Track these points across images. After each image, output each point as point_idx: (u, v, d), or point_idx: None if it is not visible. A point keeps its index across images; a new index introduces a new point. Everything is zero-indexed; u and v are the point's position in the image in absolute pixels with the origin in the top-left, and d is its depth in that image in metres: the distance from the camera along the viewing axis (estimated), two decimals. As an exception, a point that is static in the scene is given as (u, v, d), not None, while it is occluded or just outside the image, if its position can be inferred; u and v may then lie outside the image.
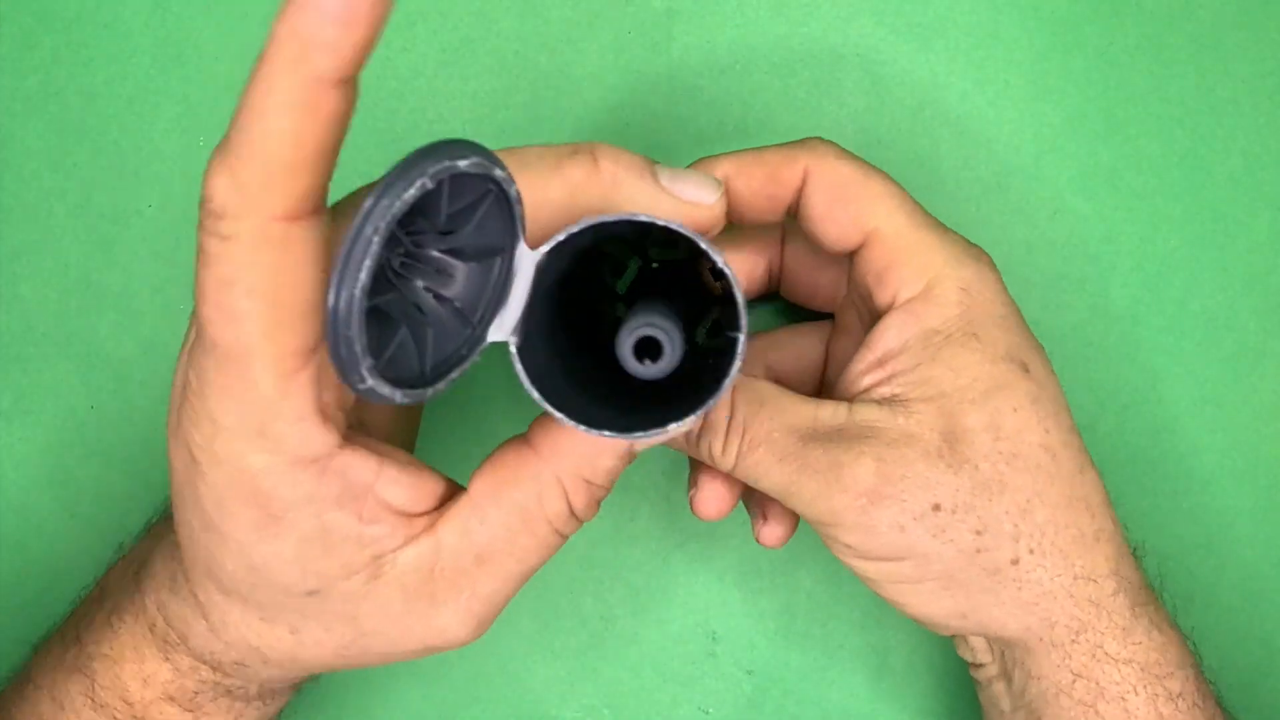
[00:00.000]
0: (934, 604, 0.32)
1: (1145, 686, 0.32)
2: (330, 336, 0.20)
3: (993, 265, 0.33)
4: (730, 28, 0.40)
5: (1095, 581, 0.32)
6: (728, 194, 0.31)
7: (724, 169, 0.33)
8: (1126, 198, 0.40)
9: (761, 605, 0.40)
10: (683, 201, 0.28)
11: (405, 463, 0.28)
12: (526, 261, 0.23)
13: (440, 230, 0.22)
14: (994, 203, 0.40)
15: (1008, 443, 0.31)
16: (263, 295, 0.23)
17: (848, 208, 0.32)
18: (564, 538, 0.29)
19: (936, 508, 0.31)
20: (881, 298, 0.32)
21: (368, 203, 0.19)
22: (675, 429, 0.23)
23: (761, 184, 0.33)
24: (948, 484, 0.31)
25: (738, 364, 0.23)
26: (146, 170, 0.40)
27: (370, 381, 0.20)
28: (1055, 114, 0.40)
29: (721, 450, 0.32)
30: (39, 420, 0.40)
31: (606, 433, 0.23)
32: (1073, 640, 0.32)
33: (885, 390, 0.32)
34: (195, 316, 0.25)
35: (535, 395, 0.23)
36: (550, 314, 0.25)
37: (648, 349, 0.24)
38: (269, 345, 0.24)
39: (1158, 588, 0.35)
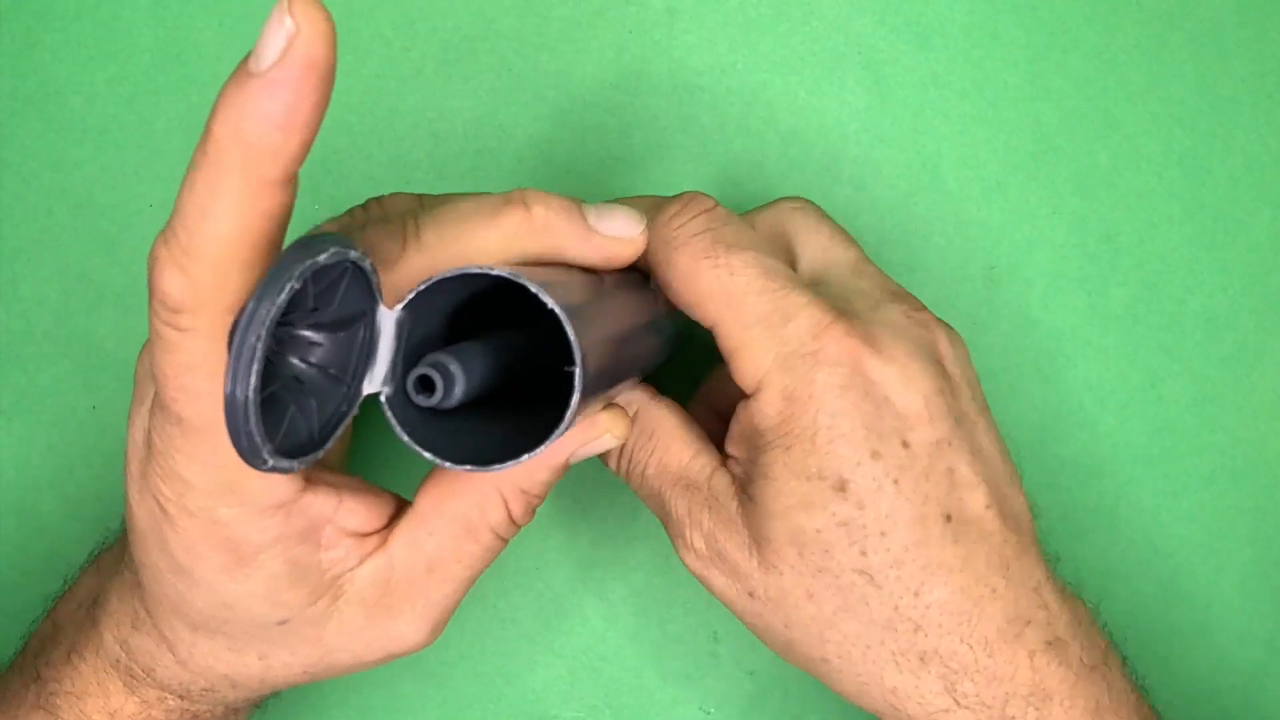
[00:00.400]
0: (785, 658, 0.33)
1: None
2: (232, 433, 0.22)
3: (840, 357, 0.30)
4: (731, 27, 0.40)
5: (917, 701, 0.31)
6: None
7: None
8: (1125, 197, 0.40)
9: (762, 605, 0.40)
10: (608, 238, 0.29)
11: (358, 489, 0.29)
12: (388, 320, 0.25)
13: (309, 309, 0.24)
14: (993, 202, 0.40)
15: (813, 559, 0.30)
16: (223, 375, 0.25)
17: (687, 307, 0.31)
18: (505, 542, 0.31)
19: (751, 594, 0.31)
20: (734, 380, 0.31)
21: (248, 309, 0.22)
22: (526, 458, 0.25)
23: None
24: (758, 579, 0.31)
25: (576, 398, 0.25)
26: (147, 169, 0.40)
27: (272, 462, 0.23)
28: (1054, 113, 0.40)
29: (616, 468, 0.34)
30: (40, 420, 0.40)
31: (467, 467, 0.25)
32: None
33: (736, 469, 0.32)
34: (155, 389, 0.26)
35: (404, 438, 0.25)
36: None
37: (424, 385, 0.26)
38: None
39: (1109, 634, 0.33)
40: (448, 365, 0.25)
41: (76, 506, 0.40)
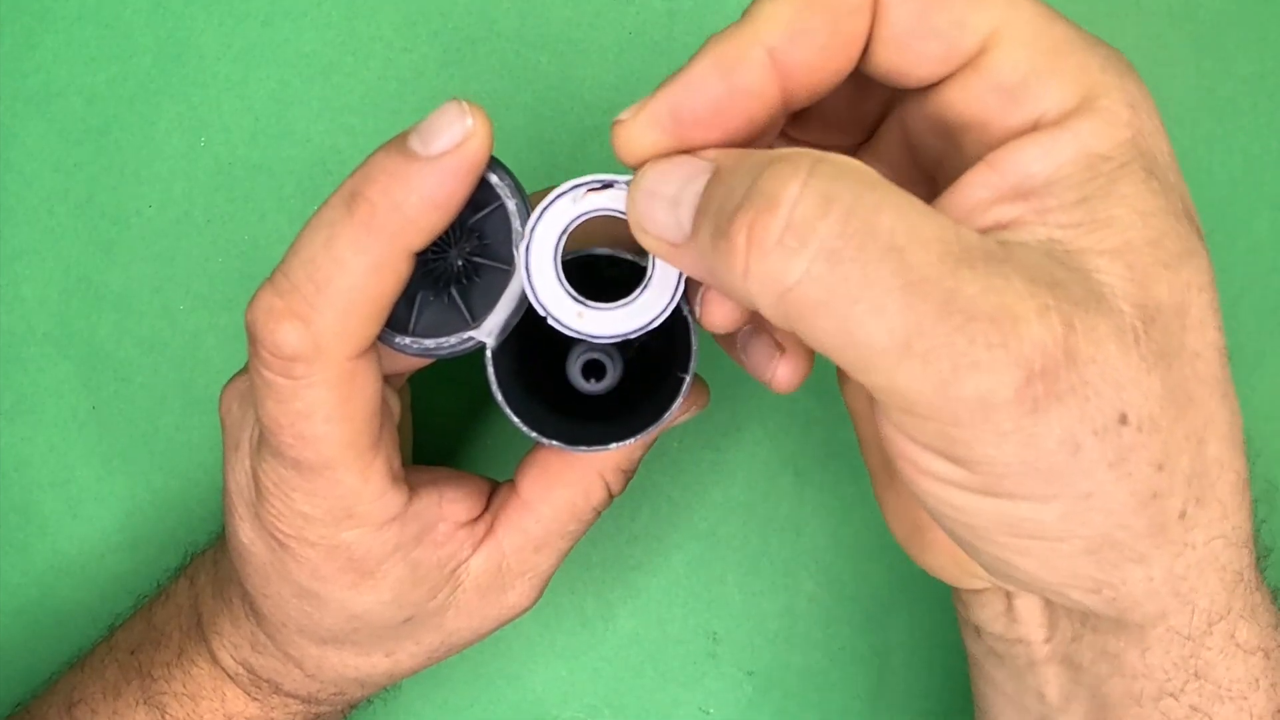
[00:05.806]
0: (1064, 569, 0.22)
1: (1267, 676, 0.24)
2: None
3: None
4: (731, 28, 0.40)
5: (1242, 547, 0.23)
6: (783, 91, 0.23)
7: (763, 42, 0.22)
8: (1127, 198, 0.40)
9: (763, 606, 0.40)
10: None
11: (452, 479, 0.30)
12: (517, 281, 0.26)
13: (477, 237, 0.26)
14: (994, 203, 0.40)
15: (1193, 335, 0.21)
16: (339, 418, 0.26)
17: (950, 11, 0.22)
18: (600, 513, 0.32)
19: (1123, 420, 0.20)
20: (1010, 119, 0.22)
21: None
22: (616, 447, 0.26)
23: (825, 40, 0.22)
24: (1139, 386, 0.20)
25: (680, 401, 0.26)
26: (147, 170, 0.40)
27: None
28: (1055, 114, 0.40)
29: (778, 240, 0.20)
30: (40, 420, 0.40)
31: (555, 442, 0.26)
32: (1206, 631, 0.23)
33: (1038, 231, 0.21)
34: (262, 435, 0.27)
35: (499, 398, 0.26)
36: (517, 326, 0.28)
37: (593, 370, 0.27)
38: (349, 453, 0.26)
39: None
40: (609, 352, 0.27)
41: (76, 506, 0.40)
